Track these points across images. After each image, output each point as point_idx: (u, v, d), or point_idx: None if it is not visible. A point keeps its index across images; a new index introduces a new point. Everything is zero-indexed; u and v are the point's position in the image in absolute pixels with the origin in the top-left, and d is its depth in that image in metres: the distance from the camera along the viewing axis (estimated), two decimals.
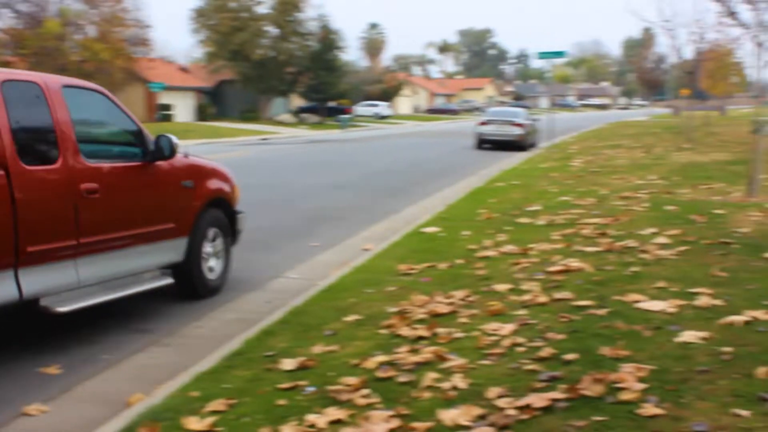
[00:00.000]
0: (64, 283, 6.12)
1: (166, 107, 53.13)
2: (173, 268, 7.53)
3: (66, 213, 6.05)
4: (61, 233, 6.01)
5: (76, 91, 6.62)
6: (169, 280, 7.43)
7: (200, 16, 58.00)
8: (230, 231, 8.45)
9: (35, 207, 5.78)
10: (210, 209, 8.00)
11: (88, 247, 6.29)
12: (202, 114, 57.48)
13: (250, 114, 59.34)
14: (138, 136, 7.18)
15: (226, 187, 8.36)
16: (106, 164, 6.65)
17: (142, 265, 7.12)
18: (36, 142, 6.02)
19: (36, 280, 5.83)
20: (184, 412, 4.44)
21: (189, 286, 7.78)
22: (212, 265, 8.08)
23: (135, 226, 6.89)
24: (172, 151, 7.20)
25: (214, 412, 4.42)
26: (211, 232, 8.05)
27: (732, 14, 15.12)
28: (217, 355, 5.63)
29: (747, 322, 5.43)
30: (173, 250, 7.47)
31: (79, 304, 6.23)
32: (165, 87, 49.30)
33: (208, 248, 7.99)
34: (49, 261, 5.91)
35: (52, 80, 6.32)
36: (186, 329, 6.82)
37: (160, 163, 7.23)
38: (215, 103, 60.75)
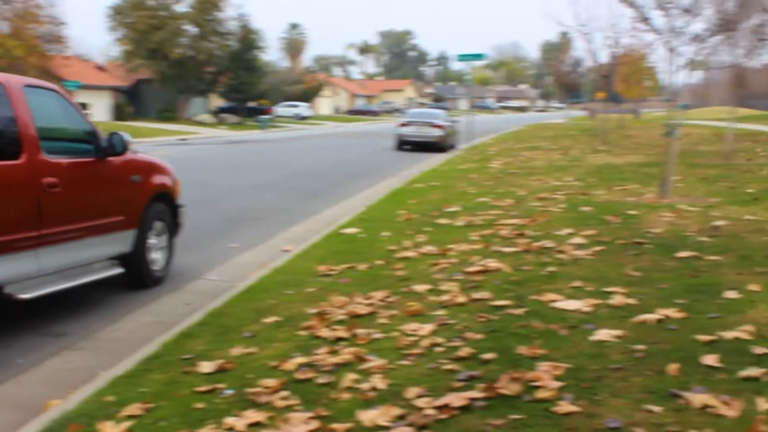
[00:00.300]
0: (26, 272, 6.45)
1: (83, 106, 51.92)
2: (122, 259, 7.93)
3: (30, 205, 6.40)
4: (25, 224, 6.34)
5: (36, 91, 6.96)
6: (119, 270, 7.83)
7: (117, 13, 56.74)
8: (173, 224, 8.88)
9: (2, 199, 6.11)
10: (155, 203, 8.43)
11: (49, 238, 6.64)
12: (119, 113, 56.35)
13: (169, 114, 58.46)
14: (91, 133, 7.53)
15: (168, 182, 8.83)
16: (64, 160, 6.98)
17: (95, 256, 7.52)
18: (1, 139, 6.27)
19: (2, 269, 6.13)
20: (99, 417, 4.36)
21: (136, 276, 8.18)
22: (157, 257, 8.51)
23: (90, 218, 7.28)
24: (124, 147, 7.63)
25: (130, 417, 4.34)
26: (156, 224, 8.48)
27: (645, 20, 15.41)
28: (134, 358, 5.54)
29: (659, 321, 5.57)
30: (123, 242, 7.87)
31: (40, 291, 6.55)
32: (81, 86, 48.04)
33: (153, 240, 8.41)
34: (14, 251, 6.24)
35: (14, 80, 6.65)
36: (102, 332, 6.68)
37: (111, 159, 7.64)
38: (133, 103, 59.63)
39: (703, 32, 14.46)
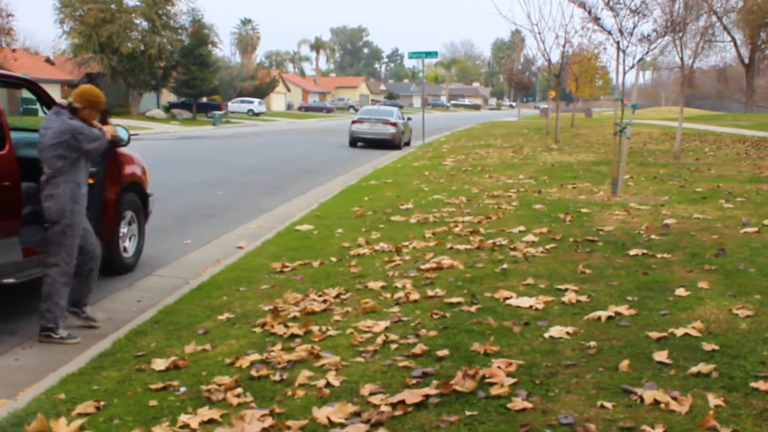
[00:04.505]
0: (11, 257, 6.58)
1: (31, 101, 51.01)
2: None
3: (15, 194, 6.55)
4: (9, 212, 6.49)
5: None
6: None
7: (65, 6, 55.70)
8: (143, 212, 9.12)
9: None
10: (126, 192, 8.58)
11: None
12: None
13: (120, 109, 57.73)
14: None
15: (138, 172, 9.10)
16: None
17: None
18: None
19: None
20: (50, 415, 4.28)
21: (108, 264, 8.24)
22: (128, 245, 8.80)
23: None
24: (129, 139, 8.03)
25: (82, 415, 4.28)
26: (127, 213, 8.65)
27: (596, 20, 15.60)
28: (86, 356, 5.48)
29: (611, 317, 5.63)
30: None
31: (24, 277, 6.69)
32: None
33: (124, 229, 8.67)
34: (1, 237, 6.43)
35: None
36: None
37: None
38: None
39: (652, 33, 14.67)
